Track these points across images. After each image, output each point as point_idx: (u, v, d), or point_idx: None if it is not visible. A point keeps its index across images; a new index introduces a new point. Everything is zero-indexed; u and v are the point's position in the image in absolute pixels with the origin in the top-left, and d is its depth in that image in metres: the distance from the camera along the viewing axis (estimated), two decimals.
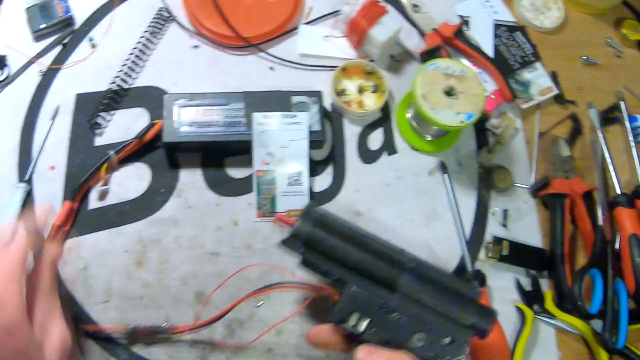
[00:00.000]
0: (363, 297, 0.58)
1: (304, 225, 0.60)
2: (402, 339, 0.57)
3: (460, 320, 0.57)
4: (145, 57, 0.87)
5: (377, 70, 0.88)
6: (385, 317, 0.57)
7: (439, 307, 0.57)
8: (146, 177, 0.81)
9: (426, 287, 0.58)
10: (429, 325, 0.57)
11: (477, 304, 0.58)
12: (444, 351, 0.56)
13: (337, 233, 0.60)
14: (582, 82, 0.98)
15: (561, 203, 0.86)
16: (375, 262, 0.59)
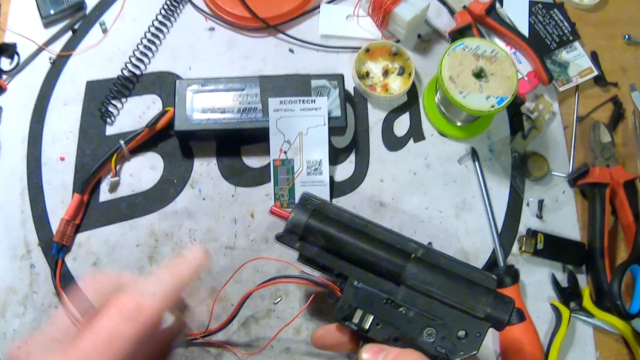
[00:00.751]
0: (366, 292, 0.54)
1: (300, 216, 0.56)
2: (411, 335, 0.52)
3: (474, 312, 0.52)
4: (158, 42, 0.84)
5: (403, 52, 0.82)
6: (391, 312, 0.53)
7: (450, 298, 0.52)
8: (159, 167, 0.78)
9: (435, 278, 0.53)
10: (439, 318, 0.52)
11: (493, 293, 0.52)
12: (457, 346, 0.51)
13: (336, 224, 0.56)
14: (625, 62, 0.91)
15: (601, 193, 0.80)
16: (379, 253, 0.54)
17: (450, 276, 0.53)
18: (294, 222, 0.56)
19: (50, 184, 0.76)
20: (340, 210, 0.57)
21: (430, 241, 0.77)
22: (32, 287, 0.72)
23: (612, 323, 0.77)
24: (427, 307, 0.53)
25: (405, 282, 0.53)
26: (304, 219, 0.55)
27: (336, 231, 0.55)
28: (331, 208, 0.57)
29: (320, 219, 0.56)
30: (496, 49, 0.76)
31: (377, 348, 0.51)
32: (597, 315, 0.77)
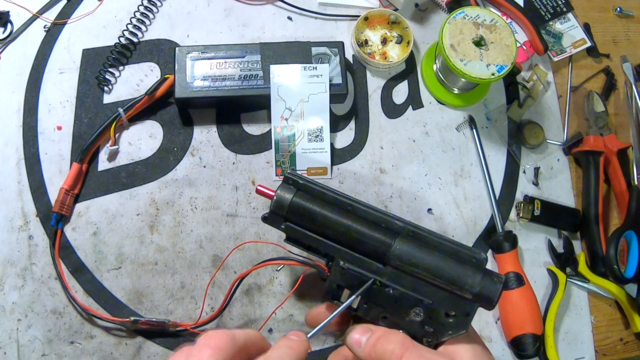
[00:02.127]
0: (353, 273, 0.53)
1: (284, 195, 0.54)
2: (398, 315, 0.52)
3: (461, 292, 0.50)
4: (155, 9, 0.82)
5: (402, 20, 0.83)
6: (378, 292, 0.52)
7: (437, 277, 0.51)
8: (158, 135, 0.77)
9: (421, 257, 0.51)
10: (426, 298, 0.51)
11: (481, 272, 0.51)
12: (445, 326, 0.51)
13: (320, 203, 0.54)
14: (616, 34, 0.93)
15: (595, 161, 0.82)
16: (363, 232, 0.53)
17: (437, 256, 0.52)
18: (279, 201, 0.54)
19: (47, 153, 0.75)
20: (325, 189, 0.56)
21: (430, 208, 0.78)
22: (30, 259, 0.71)
23: (607, 287, 0.78)
24: (414, 287, 0.51)
25: (390, 262, 0.52)
26: (288, 199, 0.54)
27: (320, 210, 0.54)
28: (315, 187, 0.55)
29: (305, 198, 0.54)
30: (495, 18, 0.77)
31: (364, 328, 0.51)
32: (592, 280, 0.79)
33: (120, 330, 0.69)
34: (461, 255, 0.52)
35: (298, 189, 0.55)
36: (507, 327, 0.74)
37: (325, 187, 0.56)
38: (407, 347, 0.47)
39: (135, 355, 0.68)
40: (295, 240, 0.56)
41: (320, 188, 0.55)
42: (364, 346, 0.49)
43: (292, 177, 0.56)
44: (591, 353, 0.77)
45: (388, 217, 0.54)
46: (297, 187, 0.55)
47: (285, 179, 0.56)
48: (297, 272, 0.73)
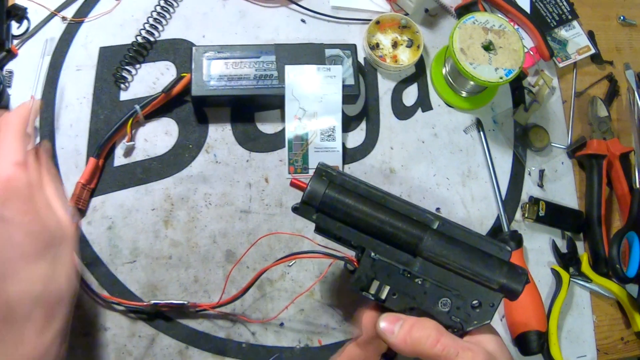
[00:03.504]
0: (383, 264, 0.54)
1: (317, 187, 0.54)
2: (426, 305, 0.53)
3: (488, 283, 0.52)
4: (172, 9, 0.84)
5: (412, 24, 0.85)
6: (407, 283, 0.53)
7: (465, 269, 0.52)
8: (173, 132, 0.79)
9: (451, 250, 0.53)
10: (454, 289, 0.53)
11: (507, 264, 0.53)
12: (471, 316, 0.53)
13: (353, 195, 0.55)
14: (619, 42, 0.95)
15: (598, 164, 0.84)
16: (396, 224, 0.54)
17: (466, 248, 0.53)
18: (311, 193, 0.54)
19: (64, 148, 0.76)
20: (357, 182, 0.56)
21: (438, 207, 0.80)
22: None
23: (609, 287, 0.80)
24: (443, 278, 0.53)
25: (421, 254, 0.53)
26: (322, 191, 0.54)
27: (353, 203, 0.54)
28: (348, 179, 0.56)
29: (338, 190, 0.55)
30: (504, 24, 0.79)
31: (394, 317, 0.52)
32: (594, 280, 0.80)
33: (137, 319, 0.70)
34: (488, 247, 0.54)
35: (331, 181, 0.55)
36: (512, 325, 0.76)
37: (357, 179, 0.56)
38: (442, 333, 0.49)
39: (149, 347, 0.69)
40: (325, 231, 0.56)
41: (353, 181, 0.56)
42: (397, 333, 0.50)
43: (324, 169, 0.56)
44: (593, 351, 0.79)
45: (419, 210, 0.55)
46: (330, 179, 0.55)
47: (317, 171, 0.56)
48: (308, 268, 0.75)
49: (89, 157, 0.76)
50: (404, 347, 0.50)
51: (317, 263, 0.75)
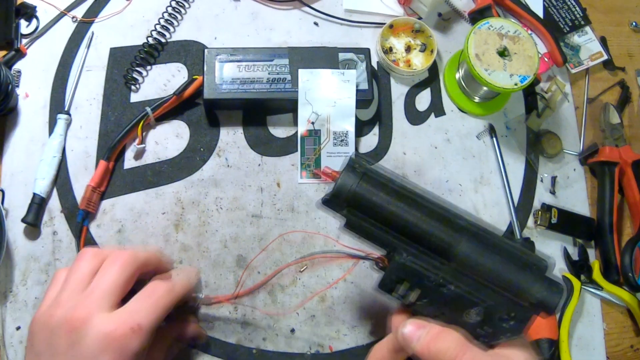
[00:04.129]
0: (413, 267, 0.51)
1: (348, 180, 0.51)
2: (455, 313, 0.51)
3: (522, 298, 0.49)
4: (183, 11, 0.83)
5: (426, 29, 0.84)
6: (437, 288, 0.50)
7: (499, 282, 0.49)
8: (185, 135, 0.78)
9: (486, 258, 0.49)
10: (487, 300, 0.50)
11: (544, 279, 0.49)
12: (502, 329, 0.50)
13: (386, 190, 0.51)
14: (632, 48, 0.95)
15: (611, 171, 0.84)
16: (430, 225, 0.50)
17: (502, 258, 0.50)
18: (342, 186, 0.51)
19: (73, 150, 0.75)
20: (391, 177, 0.52)
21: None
22: (54, 255, 0.71)
23: (619, 295, 0.80)
24: (475, 287, 0.50)
25: (455, 260, 0.50)
26: (353, 184, 0.50)
27: (386, 199, 0.51)
28: (381, 174, 0.52)
29: (370, 184, 0.51)
30: (519, 30, 0.78)
31: (419, 323, 0.51)
32: (605, 288, 0.80)
33: None
34: (524, 260, 0.50)
35: (363, 174, 0.51)
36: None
37: (391, 175, 0.53)
38: (463, 347, 0.48)
39: None
40: (355, 228, 0.53)
41: (387, 175, 0.52)
42: (419, 341, 0.50)
43: (357, 161, 0.52)
44: (602, 359, 0.79)
45: (454, 215, 0.52)
46: (362, 173, 0.52)
47: (349, 163, 0.52)
48: (319, 274, 0.74)
49: (99, 159, 0.75)
50: (424, 357, 0.49)
51: (328, 269, 0.74)
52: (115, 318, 0.52)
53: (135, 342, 0.52)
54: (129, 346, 0.51)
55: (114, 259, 0.56)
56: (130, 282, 0.56)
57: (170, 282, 0.58)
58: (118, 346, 0.51)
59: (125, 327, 0.52)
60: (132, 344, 0.52)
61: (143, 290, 0.56)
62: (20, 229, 0.71)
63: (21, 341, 0.67)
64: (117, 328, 0.51)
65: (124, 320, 0.52)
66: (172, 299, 0.57)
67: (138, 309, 0.54)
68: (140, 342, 0.52)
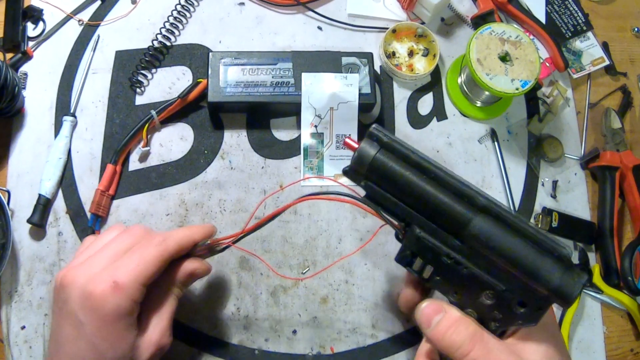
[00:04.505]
0: (427, 243, 0.50)
1: (368, 150, 0.50)
2: (469, 294, 0.50)
3: (537, 285, 0.47)
4: (188, 14, 0.84)
5: (428, 33, 0.85)
6: (452, 267, 0.50)
7: (513, 265, 0.47)
8: (189, 137, 0.79)
9: (501, 240, 0.47)
10: (501, 283, 0.48)
11: (562, 266, 0.47)
12: (515, 315, 0.49)
13: (405, 162, 0.50)
14: (633, 54, 0.95)
15: (612, 176, 0.84)
16: (445, 202, 0.49)
17: (518, 242, 0.48)
18: (360, 156, 0.50)
19: (79, 151, 0.76)
20: (411, 151, 0.51)
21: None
22: (59, 255, 0.72)
23: (619, 299, 0.80)
24: (489, 269, 0.49)
25: (469, 239, 0.49)
26: (371, 155, 0.50)
27: (402, 172, 0.50)
28: (400, 147, 0.51)
29: (388, 157, 0.50)
30: (520, 35, 0.79)
31: (437, 306, 0.51)
32: (605, 291, 0.81)
33: None
34: (543, 245, 0.48)
35: (382, 145, 0.51)
36: None
37: (411, 148, 0.51)
38: (476, 342, 0.48)
39: None
40: (373, 199, 0.53)
41: (406, 149, 0.51)
42: (433, 328, 0.50)
43: (377, 133, 0.51)
44: None
45: (472, 191, 0.50)
46: (381, 144, 0.51)
47: (369, 134, 0.51)
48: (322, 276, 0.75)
49: (104, 160, 0.76)
50: (435, 344, 0.50)
51: (330, 271, 0.75)
52: (96, 277, 0.52)
53: (114, 299, 0.51)
54: (107, 304, 0.51)
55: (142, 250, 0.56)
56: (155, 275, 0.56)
57: (158, 238, 0.57)
58: (96, 304, 0.51)
59: (104, 284, 0.52)
60: (111, 302, 0.51)
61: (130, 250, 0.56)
62: (25, 230, 0.72)
63: (26, 340, 0.68)
64: (95, 286, 0.52)
65: (103, 278, 0.52)
66: (160, 255, 0.56)
67: (118, 266, 0.53)
68: (120, 299, 0.52)
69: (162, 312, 0.58)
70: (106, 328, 0.52)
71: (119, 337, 0.53)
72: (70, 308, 0.52)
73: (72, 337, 0.53)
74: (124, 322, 0.53)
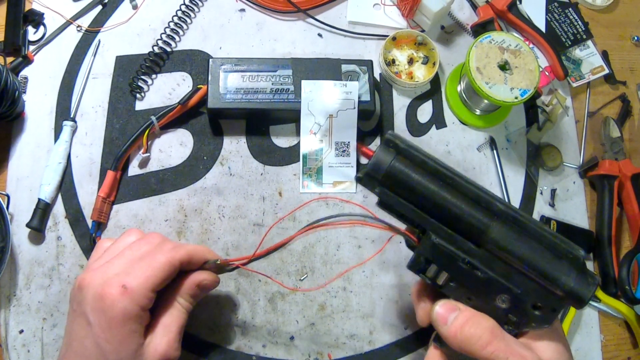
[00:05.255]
0: (444, 249, 0.51)
1: (383, 157, 0.50)
2: (484, 299, 0.51)
3: (553, 287, 0.48)
4: (189, 20, 0.84)
5: (428, 41, 0.85)
6: (467, 272, 0.50)
7: (530, 270, 0.48)
8: (188, 143, 0.79)
9: (518, 245, 0.49)
10: (516, 287, 0.49)
11: (577, 269, 0.48)
12: (529, 317, 0.50)
13: (421, 170, 0.51)
14: (633, 62, 0.95)
15: (610, 184, 0.84)
16: (462, 209, 0.50)
17: (534, 246, 0.49)
18: (376, 163, 0.50)
19: (78, 156, 0.77)
20: (426, 157, 0.51)
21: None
22: (58, 259, 0.72)
23: (617, 308, 0.81)
24: (504, 273, 0.50)
25: (486, 245, 0.50)
26: (387, 162, 0.50)
27: (419, 179, 0.50)
28: (416, 153, 0.51)
29: (405, 164, 0.50)
30: (520, 44, 0.79)
31: (451, 305, 0.51)
32: (603, 300, 0.81)
33: None
34: (559, 248, 0.50)
35: (398, 152, 0.51)
36: None
37: (427, 154, 0.52)
38: (495, 336, 0.48)
39: None
40: (388, 206, 0.53)
41: (422, 155, 0.51)
42: (450, 324, 0.50)
43: (393, 139, 0.52)
44: None
45: (489, 197, 0.51)
46: (398, 151, 0.51)
47: (385, 141, 0.52)
48: (319, 282, 0.75)
49: (103, 165, 0.76)
50: (453, 341, 0.50)
51: (329, 278, 0.75)
52: (109, 281, 0.54)
53: (122, 303, 0.53)
54: (116, 306, 0.53)
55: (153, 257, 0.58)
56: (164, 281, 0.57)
57: (169, 245, 0.59)
58: (105, 306, 0.53)
59: (113, 288, 0.53)
60: (119, 304, 0.53)
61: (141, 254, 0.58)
62: (24, 234, 0.72)
63: (24, 344, 0.68)
64: (107, 289, 0.53)
65: (115, 282, 0.54)
66: (169, 262, 0.57)
67: (129, 271, 0.55)
68: (127, 303, 0.53)
69: (171, 324, 0.58)
70: (111, 330, 0.53)
71: (123, 341, 0.54)
72: (83, 309, 0.54)
73: (80, 336, 0.54)
74: (130, 327, 0.54)
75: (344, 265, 0.75)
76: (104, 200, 0.73)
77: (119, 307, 0.53)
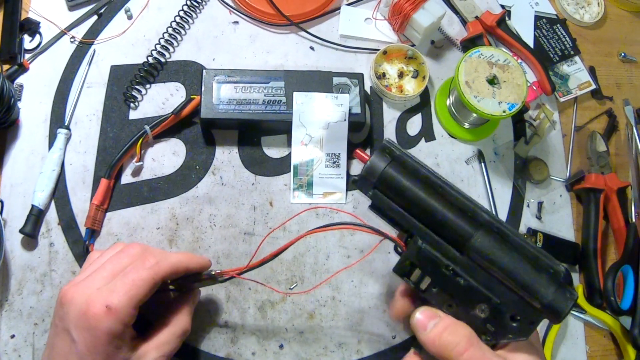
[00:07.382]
0: (429, 254, 0.52)
1: (377, 163, 0.53)
2: (464, 307, 0.52)
3: (532, 299, 0.49)
4: (183, 32, 0.86)
5: (418, 56, 0.87)
6: (449, 279, 0.52)
7: (511, 279, 0.49)
8: (181, 153, 0.80)
9: (500, 255, 0.50)
10: (496, 297, 0.51)
11: (556, 283, 0.49)
12: (507, 329, 0.50)
13: (412, 178, 0.53)
14: (620, 78, 0.97)
15: (596, 198, 0.85)
16: (449, 216, 0.51)
17: (516, 257, 0.50)
18: (371, 168, 0.53)
19: (72, 164, 0.77)
20: (418, 165, 0.54)
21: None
22: (50, 265, 0.73)
23: (602, 319, 0.82)
24: (486, 283, 0.51)
25: (469, 253, 0.51)
26: (381, 167, 0.53)
27: (410, 185, 0.52)
28: (409, 161, 0.54)
29: (398, 170, 0.53)
30: (508, 59, 0.81)
31: (432, 313, 0.52)
32: (588, 311, 0.82)
33: None
34: (540, 262, 0.50)
35: (392, 159, 0.54)
36: None
37: (420, 163, 0.54)
38: (472, 344, 0.49)
39: None
40: (379, 210, 0.55)
41: (415, 163, 0.54)
42: (429, 331, 0.51)
43: (388, 146, 0.54)
44: None
45: (476, 207, 0.52)
46: (392, 157, 0.54)
47: (381, 148, 0.54)
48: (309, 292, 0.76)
49: (97, 173, 0.77)
50: (431, 347, 0.51)
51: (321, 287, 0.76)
52: (92, 298, 0.55)
53: (107, 321, 0.54)
54: (101, 325, 0.54)
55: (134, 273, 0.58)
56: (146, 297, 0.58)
57: (151, 260, 0.60)
58: (89, 325, 0.54)
59: (98, 306, 0.54)
60: (104, 324, 0.54)
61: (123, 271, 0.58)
62: (17, 239, 0.73)
63: (15, 349, 0.69)
64: (90, 308, 0.54)
65: (98, 300, 0.55)
66: (151, 279, 0.58)
67: (112, 289, 0.56)
68: (112, 323, 0.54)
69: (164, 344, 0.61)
70: (96, 348, 0.54)
71: (109, 358, 0.55)
72: (65, 325, 0.55)
73: (64, 352, 0.55)
74: (115, 344, 0.55)
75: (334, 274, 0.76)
76: (97, 208, 0.74)
77: (104, 327, 0.54)
